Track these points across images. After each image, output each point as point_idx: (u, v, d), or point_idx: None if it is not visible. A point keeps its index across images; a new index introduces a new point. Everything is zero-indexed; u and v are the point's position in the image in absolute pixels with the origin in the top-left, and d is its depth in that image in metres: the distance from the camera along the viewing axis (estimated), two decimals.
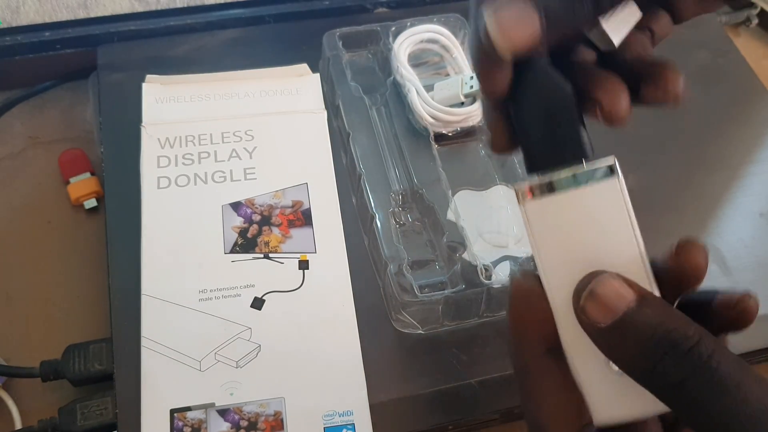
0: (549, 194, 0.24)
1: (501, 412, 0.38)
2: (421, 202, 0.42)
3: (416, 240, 0.41)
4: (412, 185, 0.42)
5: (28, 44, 0.49)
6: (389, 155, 0.44)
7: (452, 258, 0.40)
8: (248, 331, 0.37)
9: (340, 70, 0.46)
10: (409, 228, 0.41)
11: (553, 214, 0.24)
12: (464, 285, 0.38)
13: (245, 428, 0.35)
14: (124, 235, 0.40)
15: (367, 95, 0.45)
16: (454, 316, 0.39)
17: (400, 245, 0.40)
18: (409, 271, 0.39)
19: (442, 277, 0.40)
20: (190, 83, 0.46)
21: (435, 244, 0.41)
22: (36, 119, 0.51)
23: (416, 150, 0.44)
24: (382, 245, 0.39)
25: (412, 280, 0.38)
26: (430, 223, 0.41)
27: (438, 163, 0.42)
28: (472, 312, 0.39)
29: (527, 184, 0.24)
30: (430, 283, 0.39)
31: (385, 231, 0.40)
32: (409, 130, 0.45)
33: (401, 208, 0.42)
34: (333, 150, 0.44)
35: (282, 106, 0.45)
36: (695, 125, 0.50)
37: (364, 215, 0.41)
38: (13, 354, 0.41)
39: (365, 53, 0.48)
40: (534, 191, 0.24)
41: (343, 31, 0.47)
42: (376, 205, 0.41)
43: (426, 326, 0.38)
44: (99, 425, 0.36)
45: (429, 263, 0.40)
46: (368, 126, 0.45)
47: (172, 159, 0.43)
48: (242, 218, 0.41)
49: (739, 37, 0.63)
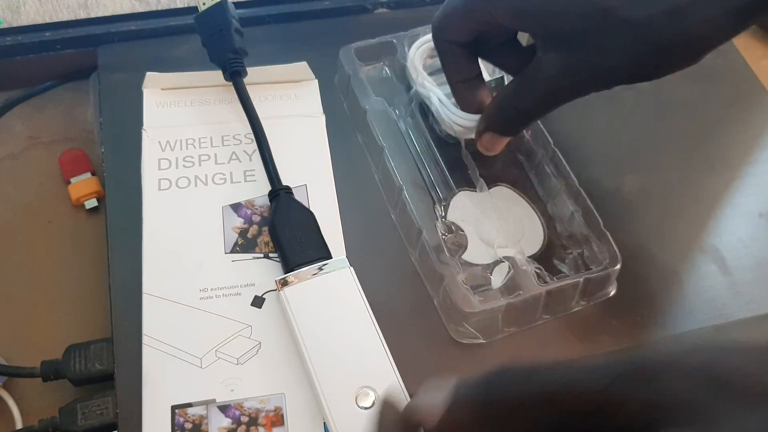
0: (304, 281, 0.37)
1: None
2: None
3: (463, 249, 0.41)
4: (453, 193, 0.43)
5: (29, 44, 0.49)
6: (426, 165, 0.44)
7: (502, 265, 0.40)
8: (249, 328, 0.37)
9: (361, 85, 0.46)
10: (457, 239, 0.42)
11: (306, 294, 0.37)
12: (521, 291, 0.38)
13: (246, 424, 0.35)
14: (125, 234, 0.41)
15: (391, 107, 0.46)
16: (513, 323, 0.39)
17: (454, 256, 0.40)
18: (464, 281, 0.39)
19: (497, 285, 0.40)
20: (190, 88, 0.46)
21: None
22: (36, 119, 0.51)
23: (450, 158, 0.44)
24: (434, 258, 0.39)
25: (469, 291, 0.38)
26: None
27: (474, 169, 0.43)
28: (531, 316, 0.39)
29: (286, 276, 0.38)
30: (488, 294, 0.40)
31: (434, 243, 0.40)
32: (440, 138, 0.45)
33: (445, 217, 0.42)
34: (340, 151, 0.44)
35: (281, 111, 0.46)
36: (694, 125, 0.50)
37: (409, 229, 0.41)
38: (14, 354, 0.41)
39: (381, 65, 0.49)
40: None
41: (358, 46, 0.47)
42: (421, 217, 0.41)
43: (487, 335, 0.39)
44: (99, 425, 0.36)
45: (484, 273, 0.41)
46: (399, 138, 0.45)
47: (173, 161, 0.43)
48: (242, 219, 0.41)
49: (738, 37, 0.63)
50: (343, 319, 0.36)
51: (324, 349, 0.35)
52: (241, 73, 0.44)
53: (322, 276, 0.37)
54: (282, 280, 0.37)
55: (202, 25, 0.44)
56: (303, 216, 0.40)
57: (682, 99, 0.51)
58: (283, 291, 0.37)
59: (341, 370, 0.35)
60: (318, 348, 0.35)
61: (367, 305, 0.37)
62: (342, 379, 0.35)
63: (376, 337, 0.36)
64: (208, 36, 0.44)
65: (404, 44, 0.47)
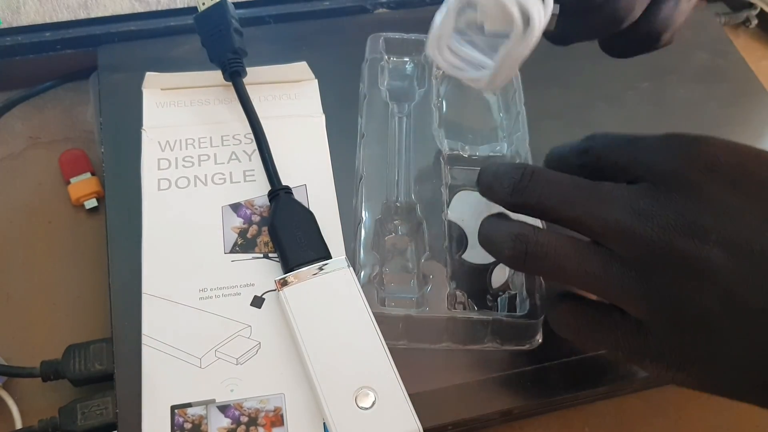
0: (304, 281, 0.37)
1: (501, 412, 0.38)
2: (414, 218, 0.41)
3: (399, 253, 0.41)
4: (410, 200, 0.42)
5: (29, 44, 0.49)
6: (396, 165, 0.43)
7: (426, 279, 0.39)
8: (248, 328, 0.37)
9: (374, 73, 0.46)
10: (396, 240, 0.41)
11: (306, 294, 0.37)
12: (428, 308, 0.37)
13: (245, 424, 0.35)
14: (125, 234, 0.41)
15: (395, 102, 0.45)
16: (413, 338, 0.38)
17: (378, 254, 0.40)
18: (379, 281, 0.39)
19: (413, 295, 0.39)
20: (189, 88, 0.46)
21: (416, 262, 0.40)
22: (36, 119, 0.51)
23: (424, 166, 0.43)
24: (359, 250, 0.39)
25: (378, 290, 0.38)
26: (417, 240, 0.41)
27: (443, 182, 0.42)
28: (434, 337, 0.38)
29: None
30: (399, 299, 0.39)
31: (368, 237, 0.40)
32: (423, 144, 0.44)
33: (393, 219, 0.42)
34: (340, 152, 0.44)
35: (281, 111, 0.46)
36: (695, 126, 0.50)
37: (355, 218, 0.41)
38: (13, 354, 0.42)
39: (408, 61, 0.49)
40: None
41: (388, 36, 0.47)
42: (367, 210, 0.41)
43: (388, 340, 0.36)
44: (99, 425, 0.36)
45: (406, 279, 0.40)
46: (384, 132, 0.44)
47: (173, 161, 0.43)
48: (242, 219, 0.41)
49: (738, 38, 0.63)
50: (342, 319, 0.36)
51: (324, 349, 0.35)
52: (240, 73, 0.44)
53: (321, 276, 0.37)
54: (281, 280, 0.37)
55: (202, 25, 0.45)
56: (303, 216, 0.40)
57: (682, 99, 0.51)
58: (283, 291, 0.37)
59: (341, 370, 0.35)
60: (318, 348, 0.35)
61: (366, 305, 0.37)
62: (342, 379, 0.35)
63: (376, 337, 0.36)
64: (207, 36, 0.44)
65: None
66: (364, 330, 0.36)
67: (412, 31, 0.48)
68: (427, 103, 0.46)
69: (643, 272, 0.30)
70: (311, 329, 0.36)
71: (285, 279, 0.37)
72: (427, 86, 0.46)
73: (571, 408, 0.42)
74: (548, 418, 0.41)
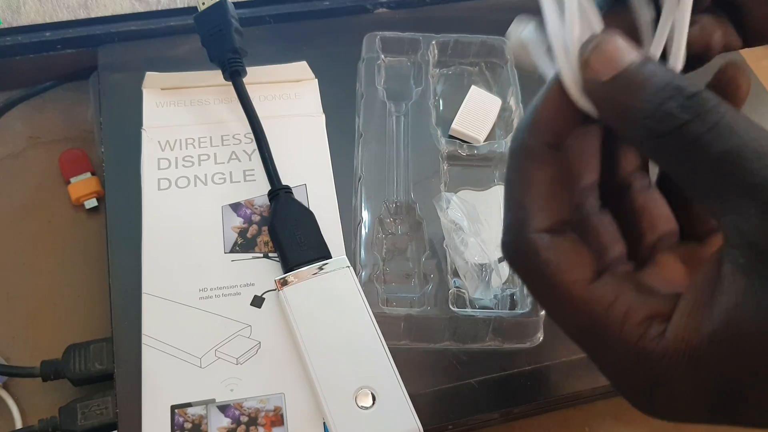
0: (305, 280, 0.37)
1: (501, 412, 0.38)
2: (413, 217, 0.42)
3: (400, 253, 0.41)
4: (409, 199, 0.42)
5: (29, 44, 0.49)
6: (395, 165, 0.43)
7: (427, 278, 0.39)
8: (248, 328, 0.37)
9: (371, 73, 0.46)
10: (396, 239, 0.41)
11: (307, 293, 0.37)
12: (429, 307, 0.37)
13: (245, 423, 0.35)
14: (125, 234, 0.41)
15: (392, 101, 0.46)
16: (416, 337, 0.38)
17: (378, 254, 0.40)
18: (380, 280, 0.39)
19: (414, 295, 0.39)
20: (189, 87, 0.46)
21: (416, 261, 0.40)
22: (36, 119, 0.51)
23: (423, 165, 0.43)
24: (360, 250, 0.39)
25: (379, 289, 0.38)
26: (417, 239, 0.41)
27: (442, 181, 0.42)
28: (435, 337, 0.38)
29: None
30: (400, 298, 0.39)
31: (368, 237, 0.40)
32: (421, 143, 0.44)
33: (392, 218, 0.42)
34: (340, 151, 0.44)
35: (281, 110, 0.46)
36: None
37: (355, 218, 0.41)
38: (14, 354, 0.42)
39: (405, 60, 0.49)
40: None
41: (385, 35, 0.47)
42: (367, 209, 0.41)
43: (388, 340, 0.36)
44: (99, 425, 0.36)
45: (407, 278, 0.40)
46: (382, 132, 0.45)
47: (173, 161, 0.43)
48: (242, 219, 0.41)
49: None
50: (343, 319, 0.36)
51: (323, 349, 0.35)
52: (240, 72, 0.44)
53: (321, 276, 0.38)
54: (281, 280, 0.37)
55: (202, 24, 0.44)
56: (303, 216, 0.40)
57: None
58: (283, 291, 0.37)
59: (341, 370, 0.35)
60: (317, 348, 0.35)
61: (367, 305, 0.37)
62: (342, 378, 0.35)
63: (376, 337, 0.36)
64: (207, 36, 0.44)
65: (430, 45, 0.47)
66: (364, 330, 0.36)
67: (413, 30, 0.48)
68: (425, 101, 0.46)
69: None
70: (311, 329, 0.36)
71: (285, 279, 0.37)
72: (424, 85, 0.46)
73: (571, 408, 0.42)
74: (548, 418, 0.41)
